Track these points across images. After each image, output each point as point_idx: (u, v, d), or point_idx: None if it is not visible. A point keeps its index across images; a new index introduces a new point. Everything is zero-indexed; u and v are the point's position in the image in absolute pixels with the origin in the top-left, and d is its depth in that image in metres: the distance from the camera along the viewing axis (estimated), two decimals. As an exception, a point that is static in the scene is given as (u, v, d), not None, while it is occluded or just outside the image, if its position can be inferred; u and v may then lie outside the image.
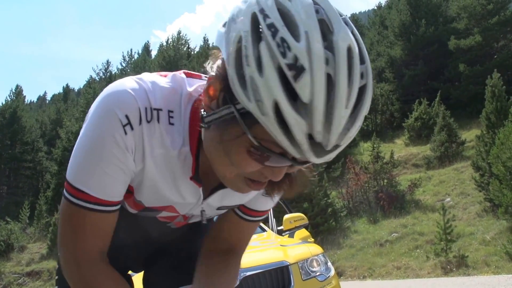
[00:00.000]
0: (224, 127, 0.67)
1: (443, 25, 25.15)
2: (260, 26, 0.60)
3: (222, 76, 0.66)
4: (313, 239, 4.91)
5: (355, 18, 45.43)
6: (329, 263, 3.40)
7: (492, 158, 9.34)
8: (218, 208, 0.93)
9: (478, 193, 11.36)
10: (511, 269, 7.10)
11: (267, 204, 0.98)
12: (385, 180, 14.00)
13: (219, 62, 0.69)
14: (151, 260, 1.14)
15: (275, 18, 0.60)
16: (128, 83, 0.75)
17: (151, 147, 0.75)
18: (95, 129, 0.74)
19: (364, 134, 24.59)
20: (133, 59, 38.50)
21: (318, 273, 3.21)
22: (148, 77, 0.77)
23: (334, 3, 0.65)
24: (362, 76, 0.62)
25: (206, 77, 0.79)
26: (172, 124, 0.76)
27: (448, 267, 7.91)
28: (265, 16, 0.60)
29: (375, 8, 37.33)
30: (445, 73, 23.83)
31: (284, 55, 0.57)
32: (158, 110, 0.74)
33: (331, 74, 0.59)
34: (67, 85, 49.26)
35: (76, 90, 53.96)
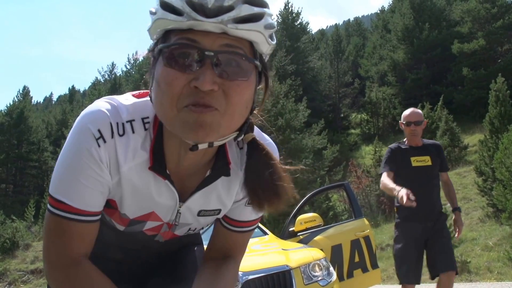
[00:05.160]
0: (154, 70, 0.74)
1: (447, 29, 25.13)
2: None
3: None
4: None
5: (358, 21, 45.47)
6: (331, 268, 3.38)
7: (496, 163, 9.28)
8: (199, 214, 0.94)
9: (481, 198, 11.29)
10: (514, 275, 7.04)
11: (251, 214, 0.97)
12: (388, 184, 13.94)
13: None
14: (143, 280, 1.15)
15: None
16: (101, 103, 0.81)
17: (126, 158, 0.80)
18: (72, 144, 0.79)
19: (366, 138, 24.57)
20: (138, 61, 38.53)
21: (320, 278, 3.18)
22: (120, 96, 0.84)
23: (336, 7, 0.64)
24: None
25: None
26: (147, 129, 0.82)
27: (450, 272, 7.85)
28: None
29: (378, 11, 37.34)
30: (448, 77, 23.80)
31: None
32: (131, 121, 0.80)
33: None
34: (72, 86, 49.51)
35: (81, 92, 54.17)
